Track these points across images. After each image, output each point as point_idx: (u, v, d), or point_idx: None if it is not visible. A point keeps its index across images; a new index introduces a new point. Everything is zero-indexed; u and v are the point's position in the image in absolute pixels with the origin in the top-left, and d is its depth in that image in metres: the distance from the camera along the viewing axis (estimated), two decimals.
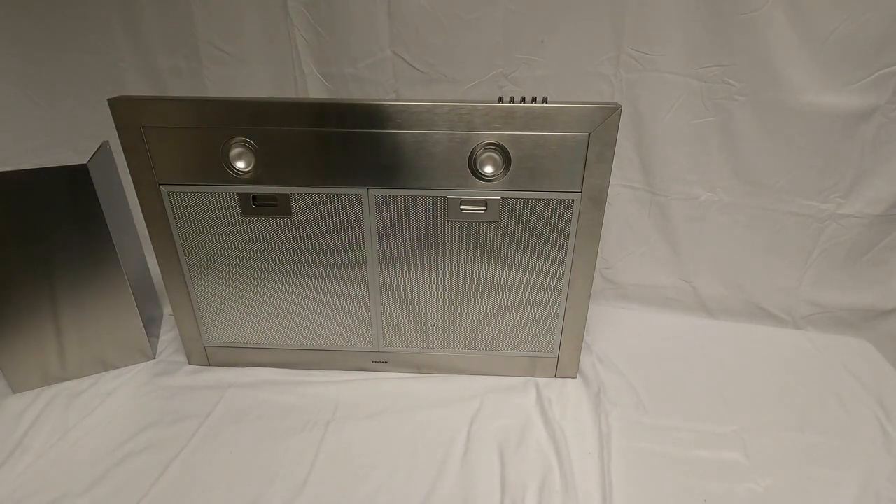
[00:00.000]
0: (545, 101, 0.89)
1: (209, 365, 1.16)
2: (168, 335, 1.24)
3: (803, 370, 1.20)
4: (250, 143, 0.92)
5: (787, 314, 1.33)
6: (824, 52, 1.05)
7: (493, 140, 0.91)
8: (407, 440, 0.99)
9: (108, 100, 0.89)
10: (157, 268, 1.05)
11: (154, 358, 1.18)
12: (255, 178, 0.95)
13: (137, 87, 1.33)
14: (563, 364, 1.13)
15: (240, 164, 0.94)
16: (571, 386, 1.13)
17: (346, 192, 0.96)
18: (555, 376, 1.14)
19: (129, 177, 0.96)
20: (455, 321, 1.08)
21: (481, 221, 0.98)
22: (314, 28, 1.21)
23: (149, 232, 1.01)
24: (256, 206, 0.97)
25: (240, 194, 0.97)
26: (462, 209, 0.96)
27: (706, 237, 1.29)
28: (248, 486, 0.89)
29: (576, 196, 0.95)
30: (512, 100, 0.89)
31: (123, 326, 1.11)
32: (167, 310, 1.31)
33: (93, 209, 0.98)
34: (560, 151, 0.91)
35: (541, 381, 1.13)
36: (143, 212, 0.99)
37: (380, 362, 1.14)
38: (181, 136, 0.92)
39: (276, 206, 0.97)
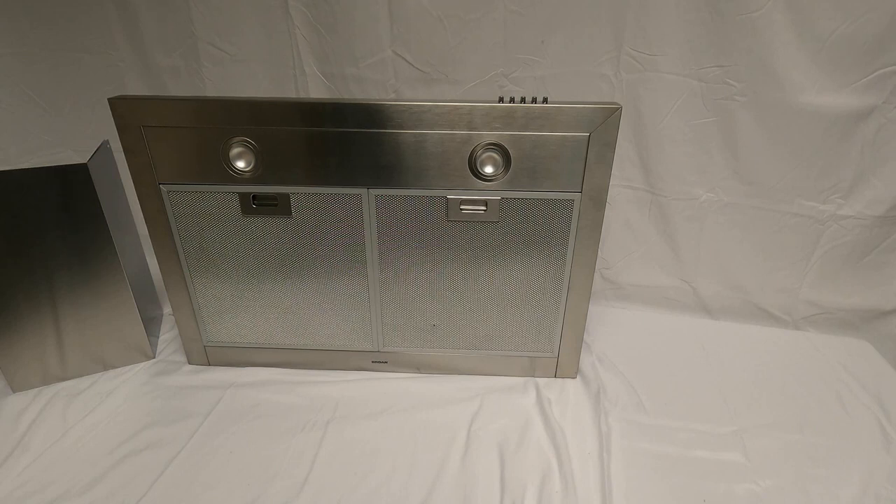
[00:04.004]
0: (545, 101, 0.89)
1: (209, 365, 1.16)
2: (168, 335, 1.24)
3: (803, 370, 1.20)
4: (250, 143, 0.92)
5: (787, 315, 1.33)
6: (824, 52, 1.05)
7: (493, 140, 0.91)
8: (407, 440, 0.99)
9: (109, 100, 0.89)
10: (157, 268, 1.05)
11: (154, 358, 1.18)
12: (255, 177, 0.95)
13: (137, 87, 1.34)
14: (563, 364, 1.13)
15: (240, 164, 0.94)
16: (571, 386, 1.13)
17: (346, 192, 0.96)
18: (555, 376, 1.14)
19: (129, 177, 0.96)
20: (455, 321, 1.08)
21: (481, 221, 0.98)
22: (315, 28, 1.21)
23: (149, 232, 1.01)
24: (256, 205, 0.97)
25: (240, 194, 0.97)
26: (462, 209, 0.96)
27: (706, 237, 1.29)
28: (248, 486, 0.89)
29: (576, 196, 0.95)
30: (512, 100, 0.89)
31: (123, 326, 1.11)
32: (167, 310, 1.31)
33: (93, 209, 0.98)
34: (560, 151, 0.91)
35: (541, 381, 1.13)
36: (143, 212, 0.99)
37: (380, 362, 1.14)
38: (181, 136, 0.92)
39: (276, 206, 0.97)
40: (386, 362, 1.14)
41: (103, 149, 1.06)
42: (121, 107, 0.90)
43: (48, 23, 1.26)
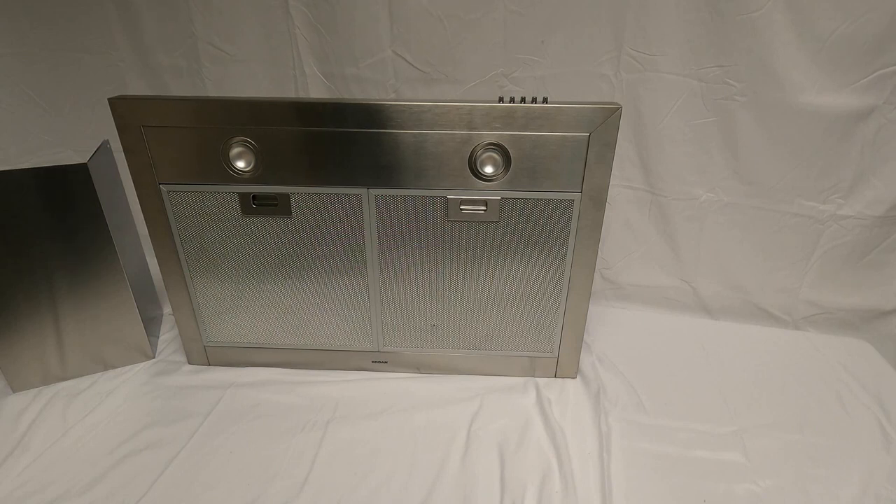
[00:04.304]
0: (545, 101, 0.89)
1: (209, 365, 1.16)
2: (168, 335, 1.24)
3: (803, 370, 1.20)
4: (250, 143, 0.92)
5: (787, 315, 1.33)
6: (824, 52, 1.05)
7: (493, 140, 0.91)
8: (407, 440, 0.99)
9: (109, 100, 0.89)
10: (157, 268, 1.05)
11: (154, 357, 1.18)
12: (255, 177, 0.95)
13: (137, 87, 1.34)
14: (563, 364, 1.13)
15: (240, 164, 0.94)
16: (571, 386, 1.13)
17: (346, 192, 0.96)
18: (554, 376, 1.14)
19: (130, 177, 0.96)
20: (455, 321, 1.08)
21: (481, 221, 0.98)
22: (315, 28, 1.21)
23: (149, 232, 1.01)
24: (256, 205, 0.97)
25: (240, 194, 0.97)
26: (462, 209, 0.96)
27: (706, 237, 1.29)
28: (248, 486, 0.89)
29: (576, 196, 0.95)
30: (512, 100, 0.89)
31: (123, 326, 1.11)
32: (167, 310, 1.31)
33: (93, 209, 0.99)
34: (560, 151, 0.91)
35: (540, 381, 1.13)
36: (143, 212, 0.99)
37: (380, 362, 1.14)
38: (181, 136, 0.92)
39: (276, 206, 0.97)
40: (386, 362, 1.14)
41: (103, 149, 1.06)
42: (121, 107, 0.90)
43: (48, 23, 1.26)
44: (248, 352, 1.14)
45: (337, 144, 0.92)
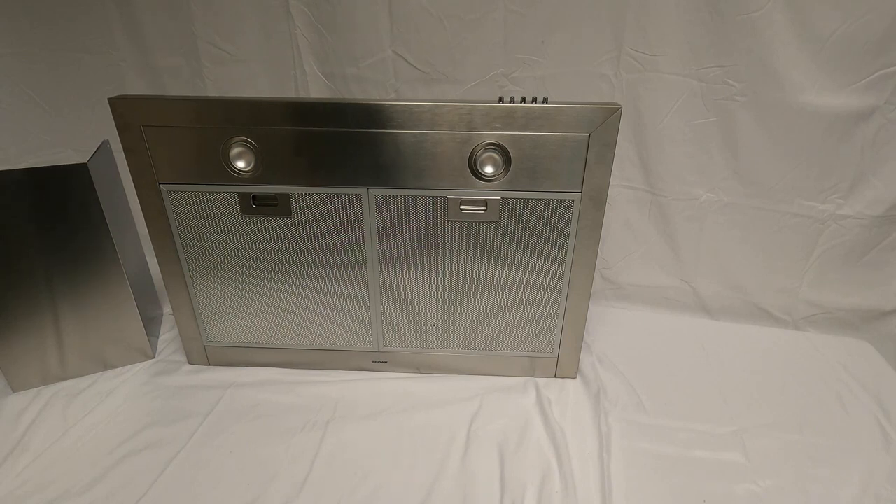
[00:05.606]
0: (545, 101, 0.89)
1: (209, 364, 1.16)
2: (168, 335, 1.24)
3: (803, 370, 1.20)
4: (250, 143, 0.92)
5: (787, 315, 1.33)
6: (824, 52, 1.05)
7: (493, 140, 0.91)
8: (407, 440, 0.99)
9: (109, 99, 0.89)
10: (157, 268, 1.05)
11: (154, 357, 1.18)
12: (255, 177, 0.95)
13: (137, 87, 1.34)
14: (563, 364, 1.13)
15: (240, 164, 0.94)
16: (571, 386, 1.13)
17: (346, 192, 0.96)
18: (554, 376, 1.14)
19: (130, 177, 0.96)
20: (455, 321, 1.08)
21: (481, 221, 0.98)
22: (315, 28, 1.21)
23: (149, 232, 1.01)
24: (256, 205, 0.98)
25: (240, 194, 0.97)
26: (462, 209, 0.96)
27: (706, 237, 1.29)
28: (248, 486, 0.89)
29: (576, 196, 0.95)
30: (512, 100, 0.89)
31: (123, 326, 1.11)
32: (167, 310, 1.31)
33: (93, 209, 0.99)
34: (560, 151, 0.91)
35: (540, 381, 1.13)
36: (143, 211, 0.99)
37: (379, 362, 1.14)
38: (181, 136, 0.92)
39: (276, 206, 0.97)
40: (386, 362, 1.14)
41: (103, 149, 1.06)
42: (121, 107, 0.90)
43: (48, 23, 1.26)
44: (248, 352, 1.14)
45: (337, 144, 0.92)
